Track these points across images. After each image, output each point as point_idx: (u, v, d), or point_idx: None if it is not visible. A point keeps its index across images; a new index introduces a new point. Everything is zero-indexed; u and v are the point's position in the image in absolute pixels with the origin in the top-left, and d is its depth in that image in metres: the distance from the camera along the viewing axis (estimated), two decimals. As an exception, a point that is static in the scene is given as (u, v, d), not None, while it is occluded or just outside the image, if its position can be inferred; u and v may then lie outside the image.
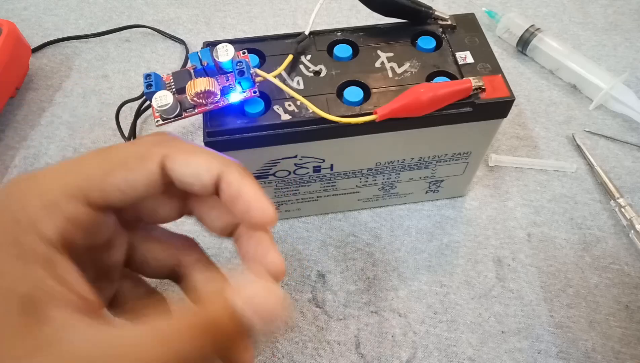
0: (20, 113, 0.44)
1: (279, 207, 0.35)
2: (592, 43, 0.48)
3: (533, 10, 0.51)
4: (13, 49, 0.42)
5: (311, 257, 0.35)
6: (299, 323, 0.33)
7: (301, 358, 0.31)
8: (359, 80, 0.29)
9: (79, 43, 0.49)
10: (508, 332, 0.32)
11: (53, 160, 0.40)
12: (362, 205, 0.37)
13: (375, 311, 0.33)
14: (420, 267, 0.35)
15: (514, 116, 0.43)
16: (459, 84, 0.28)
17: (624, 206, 0.36)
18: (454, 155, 0.33)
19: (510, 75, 0.45)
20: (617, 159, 0.40)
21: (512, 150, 0.41)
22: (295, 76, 0.30)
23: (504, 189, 0.39)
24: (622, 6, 0.51)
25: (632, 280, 0.34)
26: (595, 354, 0.31)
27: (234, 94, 0.27)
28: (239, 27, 0.50)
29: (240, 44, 0.31)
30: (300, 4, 0.52)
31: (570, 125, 0.42)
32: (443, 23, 0.32)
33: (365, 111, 0.28)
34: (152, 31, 0.49)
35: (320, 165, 0.31)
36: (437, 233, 0.36)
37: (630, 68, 0.46)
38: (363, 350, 0.32)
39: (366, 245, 0.36)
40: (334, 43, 0.31)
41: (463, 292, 0.34)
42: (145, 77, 0.26)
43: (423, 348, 0.32)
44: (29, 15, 0.51)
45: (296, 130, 0.28)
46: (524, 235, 0.36)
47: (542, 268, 0.35)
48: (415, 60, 0.30)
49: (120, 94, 0.44)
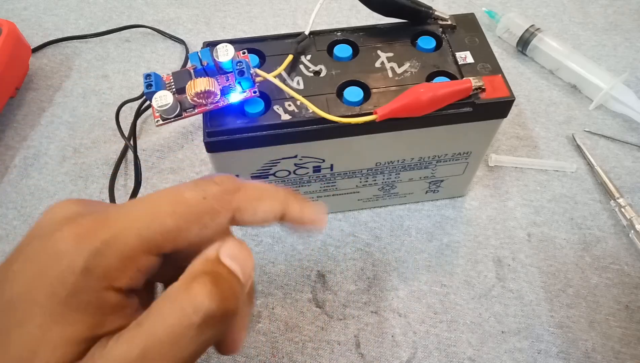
0: (20, 113, 0.44)
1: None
2: (592, 43, 0.48)
3: (533, 10, 0.51)
4: (13, 49, 0.42)
5: (311, 257, 0.35)
6: (299, 323, 0.33)
7: (301, 358, 0.31)
8: (359, 80, 0.29)
9: (79, 43, 0.49)
10: (508, 332, 0.32)
11: (53, 160, 0.40)
12: (362, 205, 0.37)
13: (375, 311, 0.33)
14: (420, 267, 0.35)
15: (514, 116, 0.43)
16: (459, 84, 0.28)
17: (624, 206, 0.36)
18: (454, 155, 0.33)
19: (510, 75, 0.45)
20: (617, 159, 0.40)
21: (512, 150, 0.41)
22: (295, 76, 0.30)
23: (504, 189, 0.39)
24: (622, 6, 0.51)
25: (632, 280, 0.34)
26: (595, 354, 0.31)
27: (234, 94, 0.27)
28: (239, 27, 0.50)
29: (240, 44, 0.31)
30: (300, 4, 0.52)
31: (570, 125, 0.42)
32: (443, 23, 0.32)
33: (365, 111, 0.28)
34: (152, 31, 0.49)
35: (320, 165, 0.31)
36: (437, 233, 0.36)
37: (630, 68, 0.46)
38: (363, 350, 0.32)
39: (366, 245, 0.36)
40: (334, 43, 0.31)
41: (463, 292, 0.34)
42: (145, 77, 0.26)
43: (423, 348, 0.32)
44: (29, 15, 0.51)
45: (296, 130, 0.28)
46: (524, 235, 0.36)
47: (542, 268, 0.35)
48: (415, 60, 0.30)
49: (120, 94, 0.44)
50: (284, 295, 0.34)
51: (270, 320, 0.33)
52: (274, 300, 0.34)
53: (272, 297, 0.34)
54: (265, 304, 0.33)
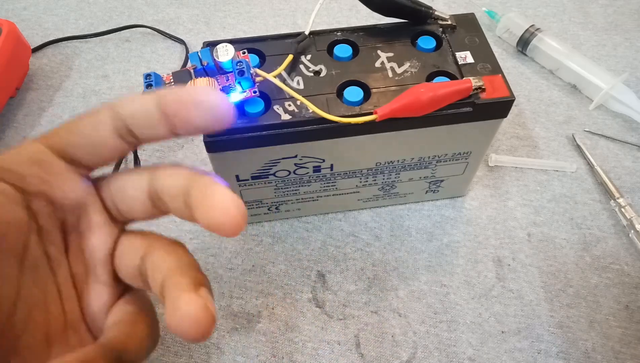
0: (20, 113, 0.44)
1: (278, 207, 0.35)
2: (592, 43, 0.48)
3: (533, 10, 0.51)
4: (13, 49, 0.42)
5: (311, 257, 0.35)
6: (299, 323, 0.33)
7: (301, 358, 0.31)
8: (359, 80, 0.29)
9: (79, 43, 0.49)
10: (508, 332, 0.32)
11: (53, 160, 0.40)
12: (362, 205, 0.37)
13: (375, 311, 0.33)
14: (420, 267, 0.35)
15: (514, 116, 0.43)
16: (459, 84, 0.28)
17: (624, 206, 0.36)
18: (454, 155, 0.33)
19: (510, 75, 0.45)
20: (617, 159, 0.40)
21: (512, 150, 0.41)
22: (295, 76, 0.30)
23: (504, 189, 0.39)
24: (622, 6, 0.51)
25: (632, 280, 0.34)
26: (595, 354, 0.31)
27: (234, 94, 0.27)
28: (239, 27, 0.50)
29: (240, 43, 0.31)
30: (300, 4, 0.52)
31: (570, 125, 0.42)
32: (443, 23, 0.32)
33: (365, 111, 0.28)
34: (152, 31, 0.49)
35: (320, 165, 0.31)
36: (437, 233, 0.36)
37: (630, 68, 0.46)
38: (363, 350, 0.32)
39: (366, 245, 0.36)
40: (334, 43, 0.31)
41: (463, 292, 0.34)
42: (146, 77, 0.26)
43: (423, 348, 0.32)
44: (29, 15, 0.51)
45: (296, 130, 0.28)
46: (524, 235, 0.36)
47: (542, 268, 0.35)
48: (415, 60, 0.30)
49: (120, 94, 0.44)
50: (284, 295, 0.34)
51: (270, 320, 0.33)
52: (274, 300, 0.34)
53: (272, 297, 0.34)
54: (265, 304, 0.33)
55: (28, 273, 0.18)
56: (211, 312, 0.16)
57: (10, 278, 0.18)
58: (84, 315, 0.20)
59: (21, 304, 0.18)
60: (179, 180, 0.19)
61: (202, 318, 0.16)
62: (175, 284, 0.17)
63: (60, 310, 0.19)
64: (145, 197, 0.20)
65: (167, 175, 0.19)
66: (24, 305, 0.18)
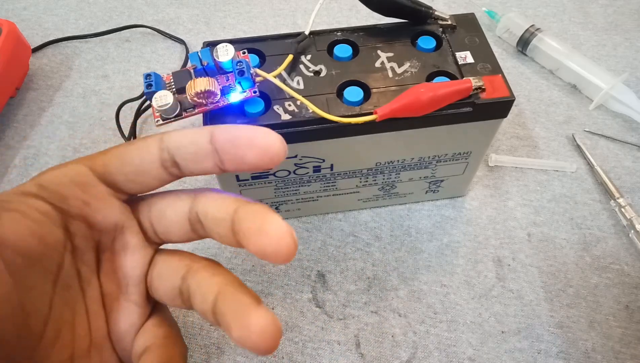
0: (20, 113, 0.44)
1: (279, 207, 0.35)
2: (592, 43, 0.48)
3: (533, 10, 0.51)
4: (13, 49, 0.42)
5: (311, 257, 0.35)
6: (299, 323, 0.33)
7: (301, 358, 0.31)
8: (359, 80, 0.29)
9: (79, 43, 0.49)
10: (508, 332, 0.32)
11: (53, 160, 0.40)
12: (362, 205, 0.37)
13: (375, 311, 0.33)
14: (420, 267, 0.35)
15: (514, 116, 0.43)
16: (459, 84, 0.28)
17: (624, 206, 0.36)
18: (454, 155, 0.33)
19: (510, 75, 0.45)
20: (617, 159, 0.40)
21: (512, 150, 0.41)
22: (295, 76, 0.30)
23: (504, 189, 0.39)
24: (622, 6, 0.51)
25: (632, 280, 0.34)
26: (595, 354, 0.31)
27: (234, 94, 0.27)
28: (239, 27, 0.50)
29: (240, 43, 0.31)
30: (300, 4, 0.52)
31: (570, 125, 0.42)
32: (443, 23, 0.32)
33: (365, 111, 0.28)
34: (152, 31, 0.49)
35: (320, 165, 0.31)
36: (437, 233, 0.36)
37: (630, 68, 0.46)
38: (363, 350, 0.32)
39: (366, 245, 0.36)
40: (334, 43, 0.31)
41: (463, 292, 0.34)
42: (145, 77, 0.26)
43: (423, 348, 0.32)
44: (29, 15, 0.51)
45: (296, 130, 0.28)
46: (524, 235, 0.36)
47: (542, 268, 0.35)
48: (415, 60, 0.30)
49: (120, 94, 0.44)
50: (284, 295, 0.34)
51: (270, 320, 0.33)
52: (274, 300, 0.34)
53: (272, 297, 0.34)
54: (265, 304, 0.33)
55: (60, 293, 0.18)
56: (279, 324, 0.17)
57: (44, 299, 0.18)
58: (110, 334, 0.20)
59: (51, 324, 0.18)
60: (225, 206, 0.19)
61: (274, 331, 0.17)
62: (236, 301, 0.18)
63: (87, 330, 0.19)
64: (185, 221, 0.20)
65: (212, 200, 0.19)
66: (54, 324, 0.18)
